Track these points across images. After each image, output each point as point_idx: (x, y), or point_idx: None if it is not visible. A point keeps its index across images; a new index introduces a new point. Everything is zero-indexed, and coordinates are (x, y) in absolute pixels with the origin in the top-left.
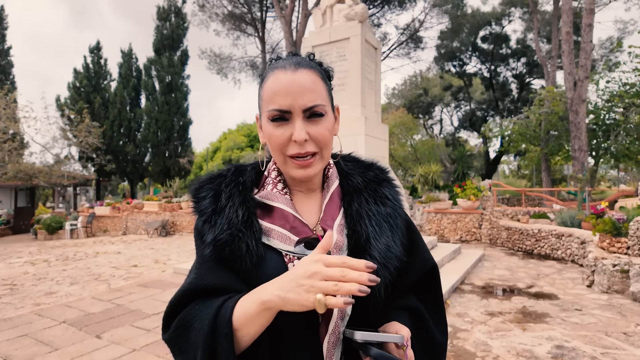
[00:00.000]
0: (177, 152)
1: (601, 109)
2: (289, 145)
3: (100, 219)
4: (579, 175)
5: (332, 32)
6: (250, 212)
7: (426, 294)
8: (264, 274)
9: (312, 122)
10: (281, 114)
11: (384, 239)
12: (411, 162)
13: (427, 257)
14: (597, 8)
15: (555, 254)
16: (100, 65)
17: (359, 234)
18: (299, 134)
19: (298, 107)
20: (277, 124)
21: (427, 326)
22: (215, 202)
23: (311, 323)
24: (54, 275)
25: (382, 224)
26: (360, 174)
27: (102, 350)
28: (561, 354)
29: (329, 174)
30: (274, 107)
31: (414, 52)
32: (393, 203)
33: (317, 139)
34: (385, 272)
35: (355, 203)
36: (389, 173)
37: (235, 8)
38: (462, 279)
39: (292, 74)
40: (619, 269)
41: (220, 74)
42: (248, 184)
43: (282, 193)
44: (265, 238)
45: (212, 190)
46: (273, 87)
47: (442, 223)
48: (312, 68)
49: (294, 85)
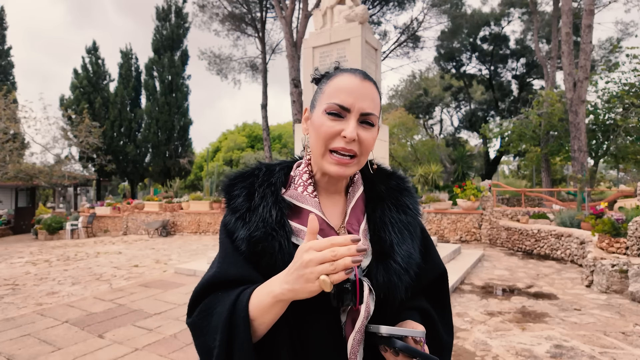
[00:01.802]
0: (177, 152)
1: (601, 109)
2: (336, 139)
3: (101, 219)
4: (578, 176)
5: (333, 34)
6: (282, 213)
7: (435, 297)
8: None
9: (362, 128)
10: (340, 110)
11: (405, 246)
12: (411, 162)
13: (438, 262)
14: (596, 9)
15: (555, 254)
16: (98, 65)
17: (383, 240)
18: (352, 132)
19: (357, 109)
20: (332, 117)
21: (435, 327)
22: (249, 200)
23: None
24: (56, 275)
25: (403, 231)
26: (383, 182)
27: (105, 350)
28: (560, 354)
29: (355, 179)
30: (336, 101)
31: (414, 52)
32: (413, 212)
33: (363, 143)
34: (407, 276)
35: (378, 210)
36: (409, 183)
37: (235, 8)
38: (462, 279)
39: (360, 81)
40: (617, 269)
41: (220, 74)
42: (279, 184)
43: (312, 196)
44: (294, 238)
45: (245, 189)
46: (340, 84)
47: (442, 223)
48: (375, 85)
49: (360, 90)
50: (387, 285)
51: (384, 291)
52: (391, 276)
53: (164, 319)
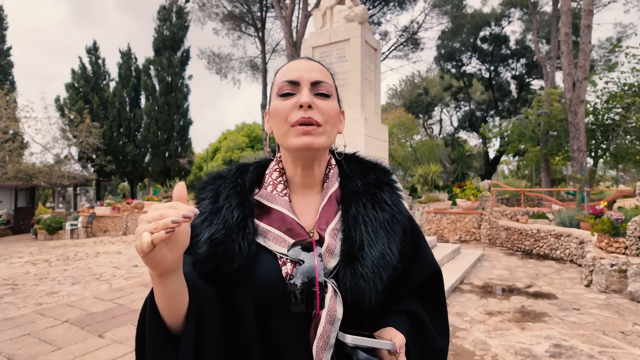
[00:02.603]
0: (177, 152)
1: (600, 109)
2: (293, 111)
3: (101, 219)
4: (577, 176)
5: (332, 34)
6: (245, 214)
7: (428, 298)
8: (257, 274)
9: (318, 98)
10: (290, 86)
11: (379, 246)
12: (411, 162)
13: (430, 261)
14: (595, 9)
15: (554, 254)
16: (98, 65)
17: (352, 240)
18: (305, 97)
19: (307, 79)
20: (285, 97)
21: (427, 331)
22: (214, 202)
23: (304, 327)
24: (55, 275)
25: (378, 230)
26: (361, 177)
27: (105, 350)
28: (559, 353)
29: (329, 174)
30: (284, 79)
31: (414, 53)
32: (392, 208)
33: (322, 110)
34: (378, 280)
35: (352, 208)
36: (392, 175)
37: (235, 8)
38: (461, 278)
39: (306, 60)
40: (617, 268)
41: (220, 74)
42: (247, 184)
43: (281, 195)
44: (261, 239)
45: (212, 191)
46: (286, 67)
47: (442, 223)
48: (324, 66)
49: (306, 64)
50: (354, 290)
51: (352, 296)
52: (358, 280)
53: None
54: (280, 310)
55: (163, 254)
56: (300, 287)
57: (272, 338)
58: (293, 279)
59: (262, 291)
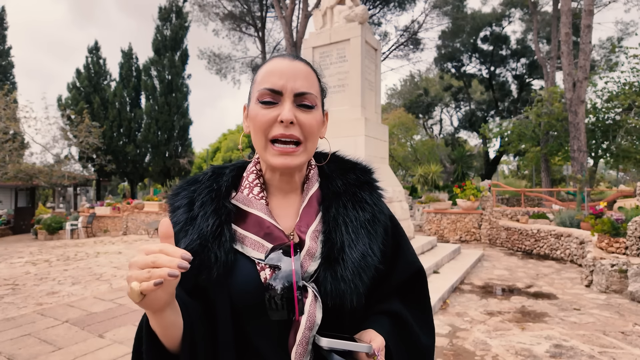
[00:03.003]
0: (177, 152)
1: (600, 109)
2: (274, 126)
3: (101, 219)
4: (578, 176)
5: (333, 34)
6: (221, 221)
7: (410, 297)
8: (236, 282)
9: (301, 110)
10: (272, 95)
11: (360, 247)
12: (411, 162)
13: (412, 260)
14: (596, 9)
15: (554, 254)
16: (99, 65)
17: (333, 242)
18: (287, 113)
19: (290, 90)
20: (265, 105)
21: (410, 330)
22: (189, 210)
23: (282, 333)
24: (56, 275)
25: (359, 230)
26: (341, 177)
27: (105, 350)
28: (559, 353)
29: (309, 176)
30: (266, 86)
31: (414, 53)
32: (372, 208)
33: (304, 126)
34: (359, 281)
35: (333, 208)
36: (372, 174)
37: (235, 8)
38: (461, 278)
39: (290, 62)
40: (617, 269)
41: (220, 74)
42: (223, 189)
43: (258, 198)
44: (239, 245)
45: (187, 198)
46: (268, 68)
47: (442, 223)
48: (309, 65)
49: (290, 69)
50: (334, 293)
51: (332, 299)
52: (339, 283)
53: None
54: (259, 317)
55: (155, 297)
56: (280, 293)
57: (251, 345)
58: (272, 285)
59: (239, 299)
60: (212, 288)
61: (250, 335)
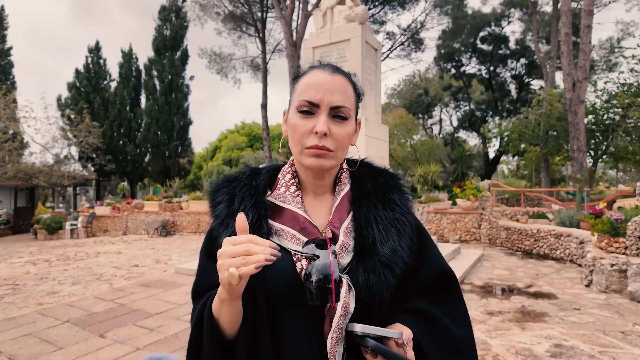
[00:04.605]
0: (177, 152)
1: (600, 109)
2: (309, 136)
3: (101, 219)
4: (577, 176)
5: (333, 34)
6: (260, 215)
7: (437, 295)
8: (273, 271)
9: (335, 122)
10: (309, 106)
11: (390, 243)
12: (411, 162)
13: (437, 262)
14: (596, 9)
15: (554, 254)
16: (99, 65)
17: (365, 237)
18: (322, 126)
19: (326, 103)
20: (304, 115)
21: (440, 324)
22: (230, 205)
23: (314, 322)
24: (56, 275)
25: (389, 228)
26: (371, 180)
27: (106, 350)
28: (559, 353)
29: (341, 178)
30: (305, 98)
31: (415, 53)
32: (401, 209)
33: (337, 138)
34: (390, 274)
35: (364, 207)
36: (399, 180)
37: (236, 8)
38: (461, 278)
39: (329, 75)
40: (617, 268)
41: (220, 73)
42: (261, 187)
43: (294, 195)
44: (276, 238)
45: (227, 194)
46: (308, 81)
47: (442, 223)
48: (348, 77)
49: (328, 84)
50: (366, 284)
51: (364, 289)
52: (370, 274)
53: (164, 319)
54: (292, 304)
55: (242, 284)
56: (315, 283)
57: (283, 331)
58: (308, 275)
59: (275, 287)
60: (250, 277)
61: (283, 322)
